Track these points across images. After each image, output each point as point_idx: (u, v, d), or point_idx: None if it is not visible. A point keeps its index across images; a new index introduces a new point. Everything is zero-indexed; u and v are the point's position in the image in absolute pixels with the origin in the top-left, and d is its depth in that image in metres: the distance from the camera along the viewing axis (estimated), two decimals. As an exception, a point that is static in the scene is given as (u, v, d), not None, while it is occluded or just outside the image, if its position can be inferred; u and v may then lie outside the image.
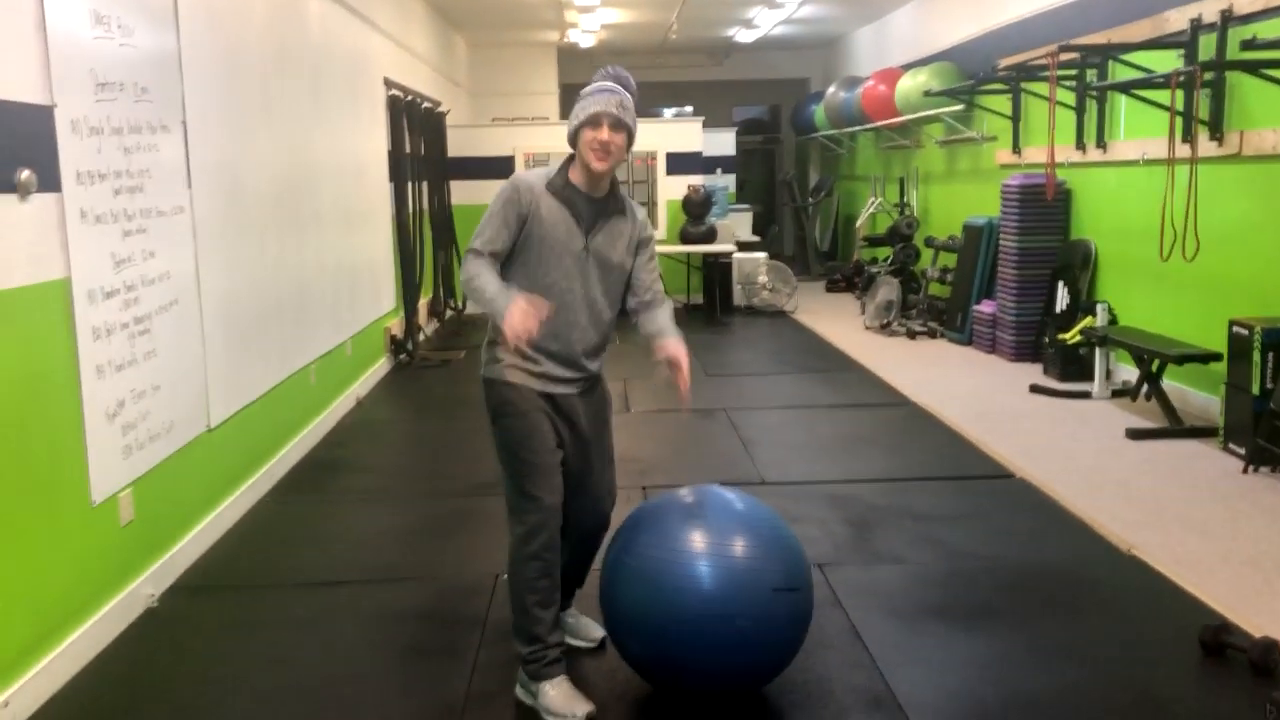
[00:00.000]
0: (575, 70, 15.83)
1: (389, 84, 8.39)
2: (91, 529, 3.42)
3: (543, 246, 2.96)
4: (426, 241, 9.38)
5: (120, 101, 3.66)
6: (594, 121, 2.93)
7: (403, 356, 8.34)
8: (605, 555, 3.03)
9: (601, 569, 3.01)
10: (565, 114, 15.14)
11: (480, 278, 2.91)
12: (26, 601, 3.06)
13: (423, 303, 9.34)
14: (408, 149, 8.82)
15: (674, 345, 3.01)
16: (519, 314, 2.78)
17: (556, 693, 2.88)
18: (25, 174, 3.05)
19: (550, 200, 2.97)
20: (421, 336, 8.98)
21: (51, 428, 3.22)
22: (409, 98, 8.95)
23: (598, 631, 3.30)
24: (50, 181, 3.20)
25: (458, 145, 10.94)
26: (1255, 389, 5.07)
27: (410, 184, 8.82)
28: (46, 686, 3.10)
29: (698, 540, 2.79)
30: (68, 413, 3.30)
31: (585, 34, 13.19)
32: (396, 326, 8.45)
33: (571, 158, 3.03)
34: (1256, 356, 5.06)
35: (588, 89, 3.02)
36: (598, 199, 3.01)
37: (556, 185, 2.98)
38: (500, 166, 11.25)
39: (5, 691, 2.92)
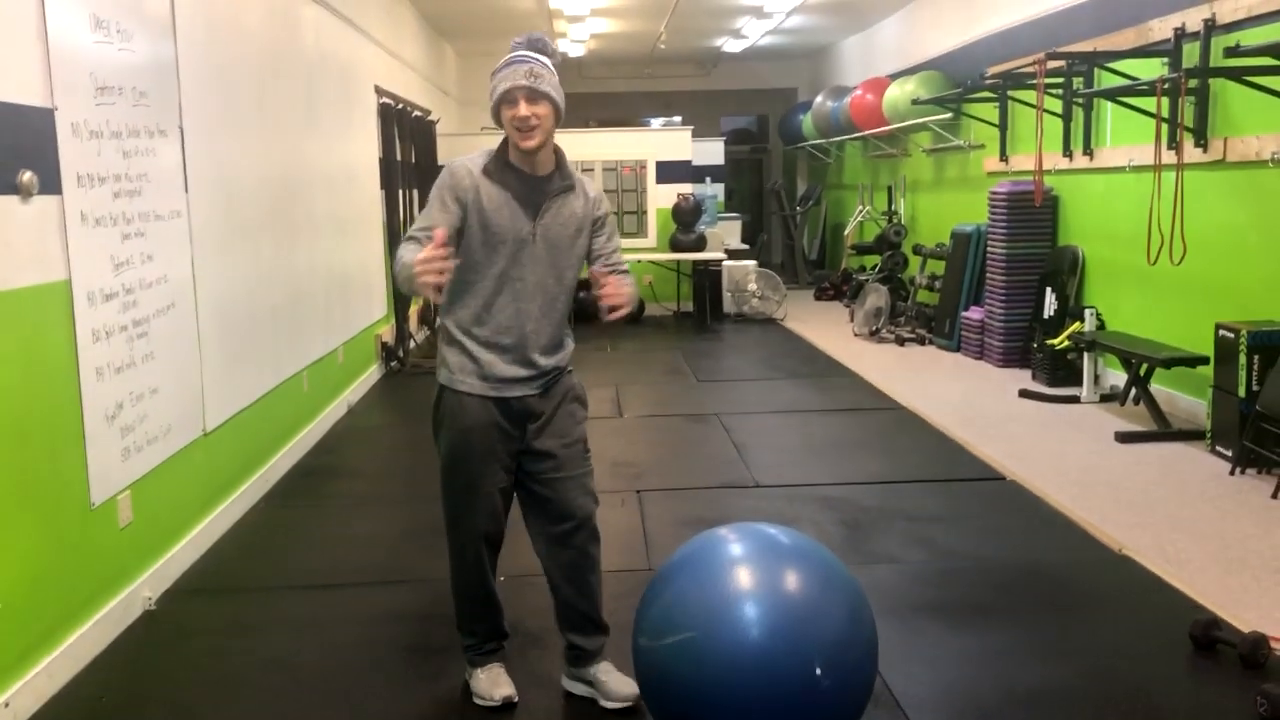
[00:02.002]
0: (564, 80, 15.85)
1: (380, 92, 8.42)
2: (91, 530, 3.43)
3: (486, 233, 2.77)
4: (417, 249, 9.39)
5: (119, 105, 3.69)
6: (509, 99, 2.74)
7: (394, 364, 8.35)
8: (638, 615, 2.64)
9: (635, 638, 2.63)
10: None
11: (401, 257, 2.67)
12: (27, 602, 3.06)
13: (413, 310, 9.35)
14: (399, 156, 8.85)
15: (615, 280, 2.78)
16: (420, 262, 2.55)
17: (485, 676, 3.02)
18: (27, 175, 3.07)
19: (489, 185, 2.78)
20: (412, 344, 9.00)
21: (52, 429, 3.23)
22: (399, 106, 8.98)
23: (631, 688, 2.87)
24: (51, 184, 3.21)
25: (448, 153, 10.96)
26: (1241, 392, 5.13)
27: (401, 191, 8.85)
28: (47, 687, 3.10)
29: (748, 599, 2.42)
30: (68, 414, 3.32)
31: (574, 44, 13.24)
32: (388, 333, 8.46)
33: (506, 139, 2.81)
34: (1243, 359, 5.12)
35: (498, 64, 2.80)
36: (541, 177, 2.82)
37: (493, 169, 2.79)
38: (490, 175, 11.28)
39: (6, 692, 2.92)
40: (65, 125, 3.29)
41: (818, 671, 2.38)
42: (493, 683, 2.99)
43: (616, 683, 2.95)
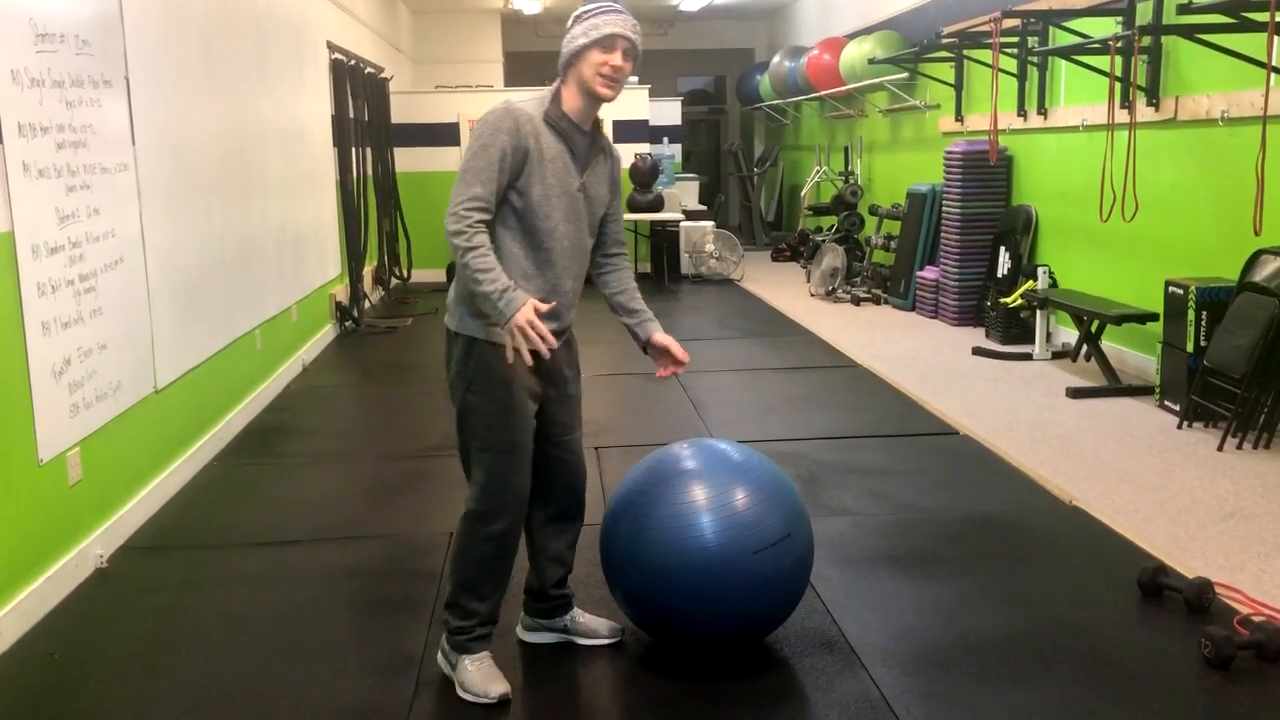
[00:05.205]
0: (519, 38, 15.73)
1: (332, 48, 8.28)
2: (39, 487, 3.38)
3: (545, 186, 2.64)
4: (371, 208, 9.30)
5: (61, 54, 3.59)
6: (607, 44, 2.62)
7: (348, 323, 8.27)
8: (605, 516, 2.97)
9: (602, 530, 2.97)
10: (510, 82, 15.10)
11: (482, 255, 2.54)
12: (-26, 559, 3.02)
13: (368, 270, 9.26)
14: (351, 114, 8.72)
15: (666, 339, 2.89)
16: (527, 322, 2.51)
17: (475, 668, 2.76)
18: (-34, 124, 2.99)
19: (549, 134, 2.67)
20: (367, 304, 8.91)
21: (-3, 384, 3.17)
22: (352, 62, 8.84)
23: (608, 623, 3.07)
24: (-9, 132, 3.13)
25: (401, 112, 10.83)
26: (1190, 347, 5.21)
27: (354, 149, 8.72)
28: (-4, 644, 3.07)
29: (699, 493, 2.79)
30: (13, 369, 3.25)
31: (529, 0, 13.08)
32: (342, 293, 8.38)
33: (559, 88, 2.72)
34: (1191, 316, 5.20)
35: (590, 7, 2.68)
36: (588, 132, 2.75)
37: (554, 117, 2.68)
38: (445, 133, 11.17)
39: (-46, 649, 2.88)
40: (4, 72, 3.20)
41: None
42: (486, 677, 2.74)
43: (595, 621, 3.05)
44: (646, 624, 2.97)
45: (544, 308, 2.57)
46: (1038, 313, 6.77)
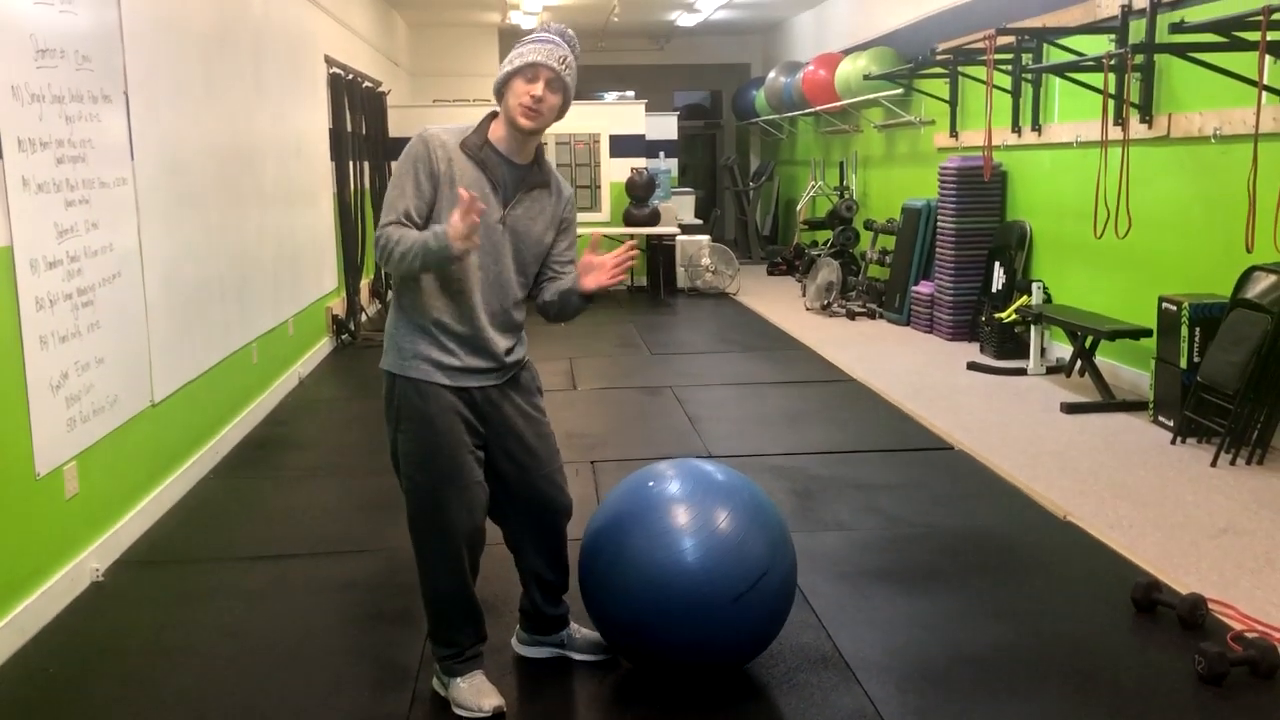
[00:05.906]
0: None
1: (329, 61, 8.31)
2: (36, 501, 3.39)
3: (453, 212, 2.52)
4: (368, 221, 9.31)
5: (61, 69, 3.61)
6: (529, 72, 2.58)
7: (345, 337, 8.28)
8: (584, 538, 2.92)
9: (581, 551, 2.91)
10: (506, 96, 15.11)
11: (399, 240, 2.55)
12: (-29, 573, 3.02)
13: (365, 283, 9.27)
14: (349, 128, 8.76)
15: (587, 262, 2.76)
16: (457, 220, 2.46)
17: (467, 685, 2.77)
18: (-34, 139, 3.00)
19: (465, 161, 2.62)
20: (363, 317, 8.93)
21: (-5, 398, 3.18)
22: (350, 76, 8.87)
23: (600, 638, 3.04)
24: (-9, 148, 3.15)
25: (399, 126, 10.85)
26: (1183, 363, 5.23)
27: (352, 163, 8.75)
28: (-8, 658, 3.07)
29: (680, 521, 2.72)
30: (11, 383, 3.26)
31: (527, 15, 13.11)
32: (338, 306, 8.39)
33: (493, 115, 2.69)
34: (1185, 331, 5.22)
35: (526, 38, 2.68)
36: (520, 165, 2.68)
37: (473, 145, 2.62)
38: (442, 148, 11.19)
39: (-50, 663, 2.88)
40: (5, 88, 3.22)
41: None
42: (478, 692, 2.75)
43: (591, 637, 3.03)
44: (622, 651, 2.95)
45: (463, 204, 2.46)
46: (1032, 328, 6.80)
